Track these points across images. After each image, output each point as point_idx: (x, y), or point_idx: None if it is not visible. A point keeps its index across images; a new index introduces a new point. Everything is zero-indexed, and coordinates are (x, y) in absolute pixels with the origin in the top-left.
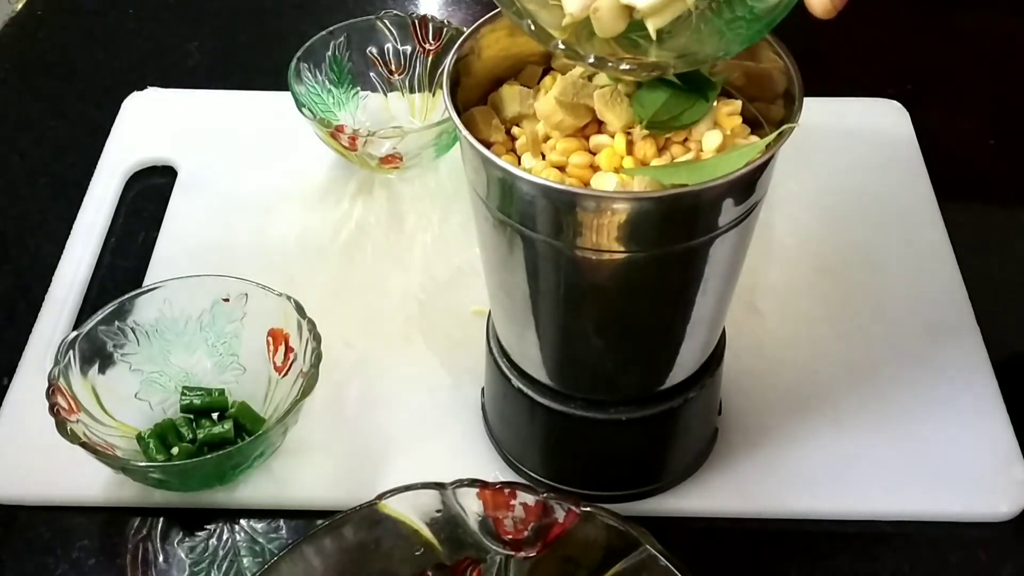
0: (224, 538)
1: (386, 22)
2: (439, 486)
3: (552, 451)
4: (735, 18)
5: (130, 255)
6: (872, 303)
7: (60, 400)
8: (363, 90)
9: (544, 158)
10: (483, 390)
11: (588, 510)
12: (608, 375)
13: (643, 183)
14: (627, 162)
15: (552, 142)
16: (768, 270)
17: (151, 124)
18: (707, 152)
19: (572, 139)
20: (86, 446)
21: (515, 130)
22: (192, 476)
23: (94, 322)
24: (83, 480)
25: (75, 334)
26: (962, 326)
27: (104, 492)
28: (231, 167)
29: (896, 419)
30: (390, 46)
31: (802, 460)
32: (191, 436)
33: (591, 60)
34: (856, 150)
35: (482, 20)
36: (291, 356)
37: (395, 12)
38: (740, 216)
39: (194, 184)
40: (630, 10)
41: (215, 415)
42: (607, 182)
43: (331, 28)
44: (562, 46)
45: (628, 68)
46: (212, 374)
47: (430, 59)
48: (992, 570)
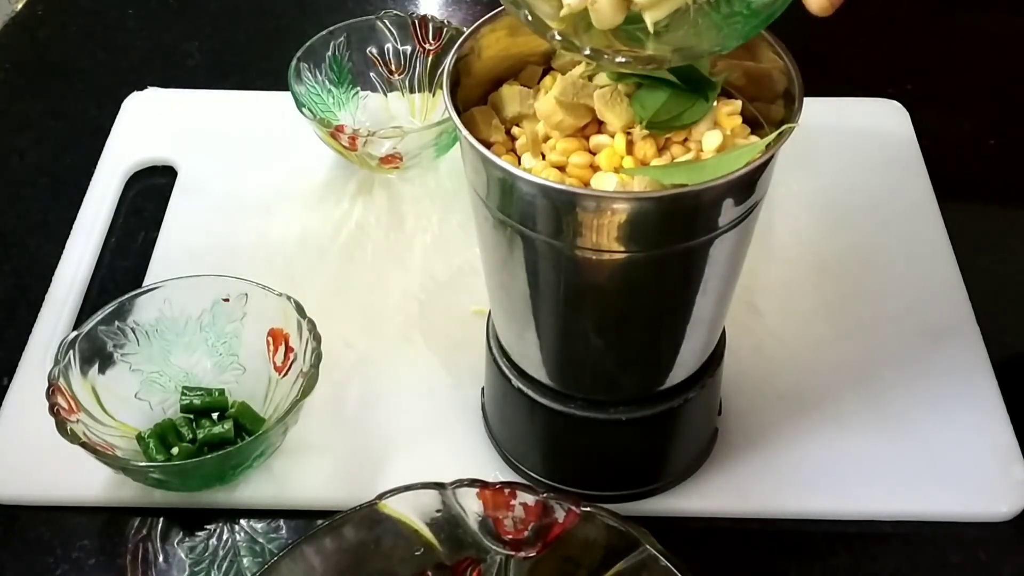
0: (224, 538)
1: (386, 22)
2: (439, 486)
3: (552, 451)
4: (733, 13)
5: (130, 255)
6: (872, 303)
7: (60, 400)
8: (363, 90)
9: (544, 158)
10: (483, 390)
11: (588, 510)
12: (608, 375)
13: (643, 183)
14: (627, 162)
15: (552, 142)
16: (768, 270)
17: (151, 124)
18: (707, 152)
19: (572, 139)
20: (86, 446)
21: (515, 130)
22: (192, 476)
23: (94, 322)
24: (83, 480)
25: (75, 334)
26: (962, 326)
27: (104, 492)
28: (231, 167)
29: (896, 419)
30: (390, 46)
31: (802, 460)
32: (191, 436)
33: (587, 52)
34: (856, 150)
35: (482, 20)
36: (291, 356)
37: (395, 12)
38: (740, 216)
39: (194, 184)
40: (628, 2)
41: (215, 415)
42: (607, 182)
43: (331, 28)
44: (559, 37)
45: (624, 61)
46: (212, 374)
47: (430, 59)
48: (992, 570)
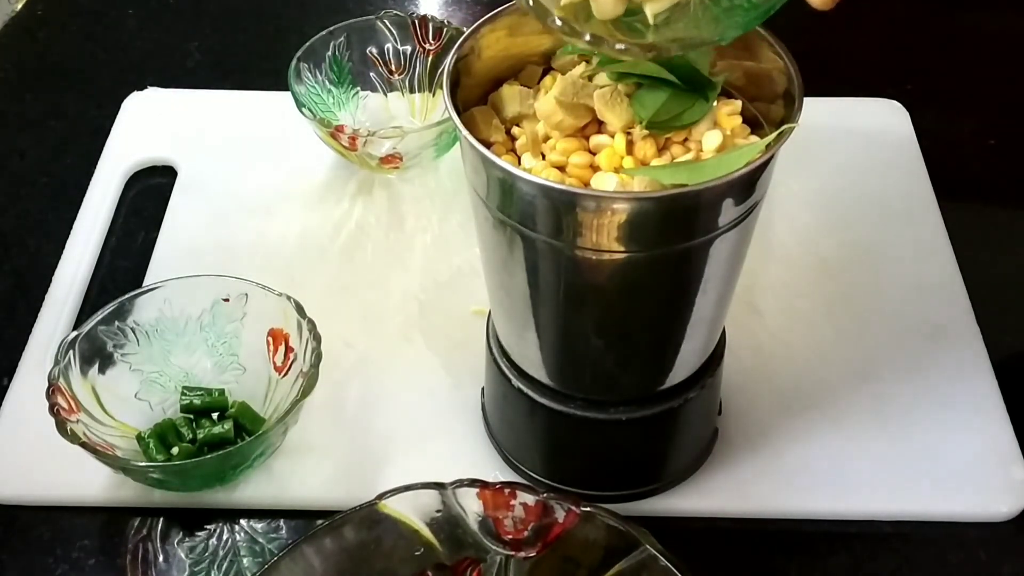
0: (224, 538)
1: (386, 22)
2: (439, 486)
3: (552, 451)
4: (733, 6)
5: (130, 255)
6: (872, 303)
7: (60, 400)
8: (363, 90)
9: (544, 158)
10: (483, 390)
11: (588, 510)
12: (608, 375)
13: (643, 183)
14: (627, 162)
15: (552, 142)
16: (768, 270)
17: (151, 124)
18: (707, 152)
19: (572, 139)
20: (86, 446)
21: (515, 130)
22: (192, 476)
23: (94, 322)
24: (83, 480)
25: (75, 334)
26: (962, 326)
27: (104, 492)
28: (231, 167)
29: (896, 419)
30: (390, 46)
31: (802, 460)
32: (191, 436)
33: (588, 38)
34: (856, 150)
35: (482, 20)
36: (291, 356)
37: (395, 12)
38: (740, 216)
39: (194, 184)
40: None
41: (215, 415)
42: (607, 182)
43: (331, 28)
44: (559, 22)
45: (624, 48)
46: (212, 374)
47: (430, 59)
48: (992, 570)
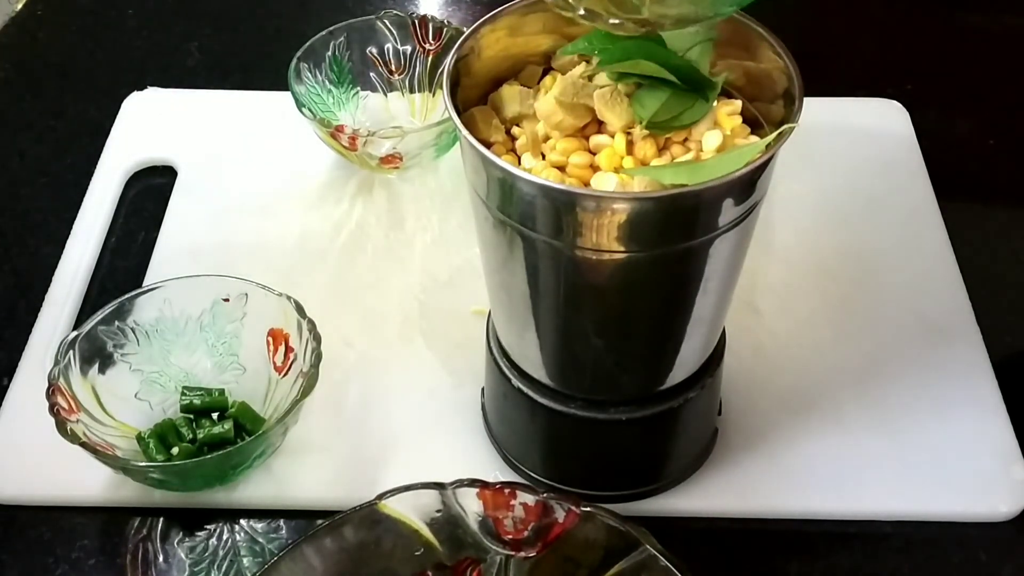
0: (224, 538)
1: (386, 22)
2: (439, 486)
3: (552, 451)
4: None
5: (130, 255)
6: (872, 303)
7: (60, 400)
8: (363, 90)
9: (544, 158)
10: (483, 390)
11: (588, 510)
12: (608, 375)
13: (643, 183)
14: (627, 162)
15: (552, 142)
16: (768, 270)
17: (151, 124)
18: (707, 152)
19: (572, 139)
20: (86, 446)
21: (515, 130)
22: (192, 476)
23: (94, 322)
24: (83, 480)
25: (75, 334)
26: (962, 326)
27: (104, 492)
28: (231, 167)
29: (896, 419)
30: (390, 46)
31: (802, 460)
32: (191, 436)
33: (582, 12)
34: (856, 150)
35: (482, 20)
36: (291, 356)
37: (395, 12)
38: (740, 216)
39: (194, 184)
40: None
41: (215, 415)
42: (607, 182)
43: (331, 28)
44: None
45: (618, 23)
46: (212, 374)
47: (430, 59)
48: (992, 570)
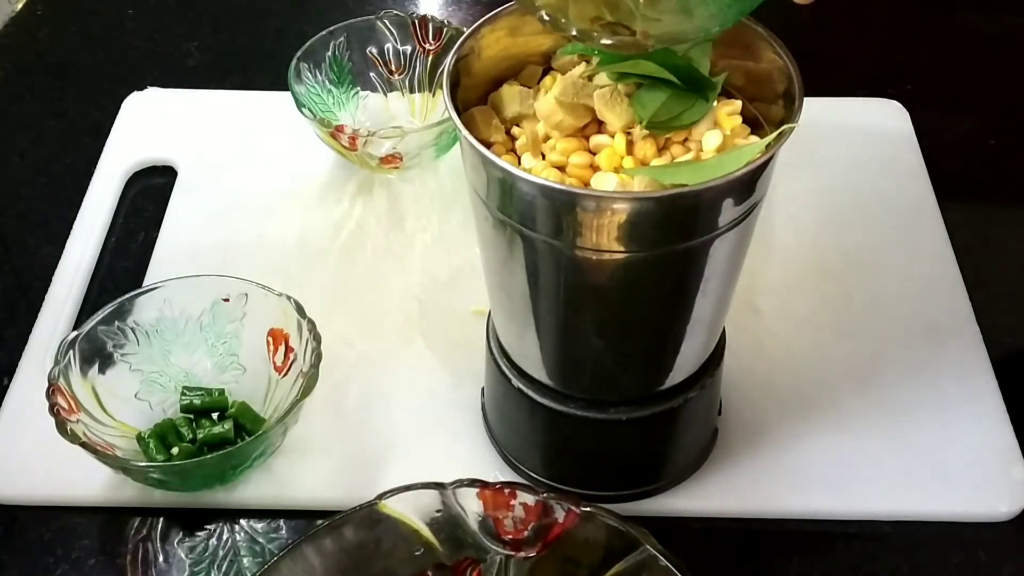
0: (224, 538)
1: (386, 22)
2: (439, 486)
3: (552, 451)
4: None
5: (130, 255)
6: (872, 303)
7: (60, 400)
8: (363, 90)
9: (544, 158)
10: (483, 390)
11: (588, 510)
12: (608, 375)
13: (643, 183)
14: (627, 162)
15: (552, 142)
16: (768, 270)
17: (151, 124)
18: (707, 152)
19: (572, 139)
20: (86, 446)
21: (515, 130)
22: (192, 476)
23: (94, 322)
24: (83, 480)
25: (75, 334)
26: (962, 326)
27: (104, 492)
28: (231, 167)
29: (896, 419)
30: (390, 46)
31: (802, 460)
32: (191, 436)
33: (574, 33)
34: (856, 150)
35: (482, 20)
36: (291, 356)
37: (395, 12)
38: (740, 216)
39: (194, 184)
40: None
41: (215, 415)
42: (607, 182)
43: (331, 28)
44: (547, 17)
45: (610, 43)
46: (212, 374)
47: (430, 59)
48: (992, 570)
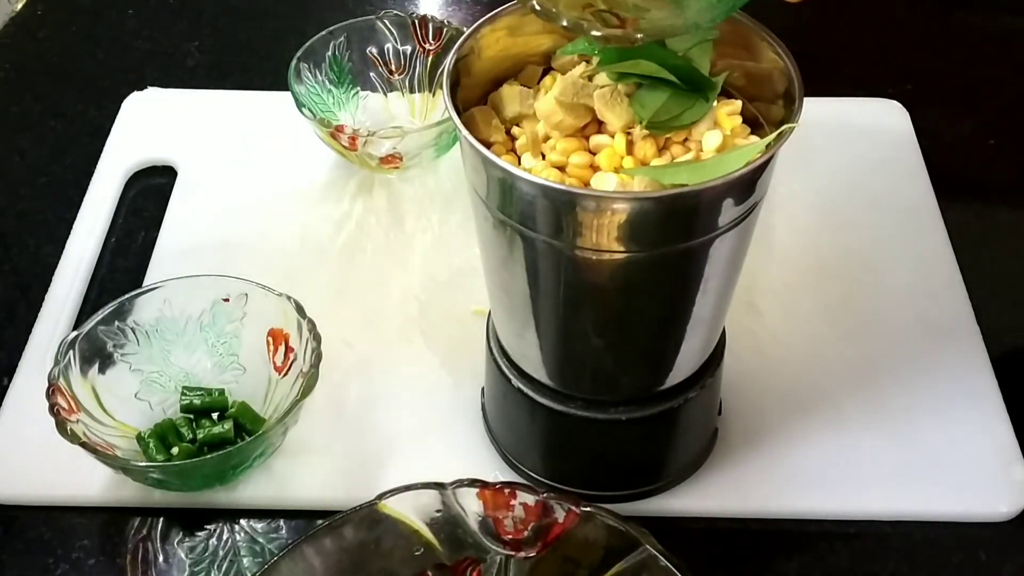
0: (224, 538)
1: (386, 22)
2: (439, 486)
3: (552, 451)
4: None
5: (130, 255)
6: (872, 303)
7: (60, 400)
8: (363, 90)
9: (544, 158)
10: (483, 390)
11: (588, 510)
12: (608, 375)
13: (643, 183)
14: (627, 162)
15: (552, 142)
16: (768, 270)
17: (151, 124)
18: (707, 152)
19: (572, 139)
20: (86, 446)
21: (515, 130)
22: (192, 476)
23: (94, 322)
24: (83, 480)
25: (75, 334)
26: (962, 326)
27: (104, 492)
28: (231, 167)
29: (896, 419)
30: (390, 46)
31: (802, 460)
32: (191, 436)
33: (565, 23)
34: (856, 150)
35: (482, 20)
36: (291, 356)
37: (395, 12)
38: (740, 216)
39: (194, 184)
40: None
41: (215, 415)
42: (607, 182)
43: (331, 28)
44: (538, 6)
45: (600, 35)
46: (212, 374)
47: (430, 59)
48: (992, 570)
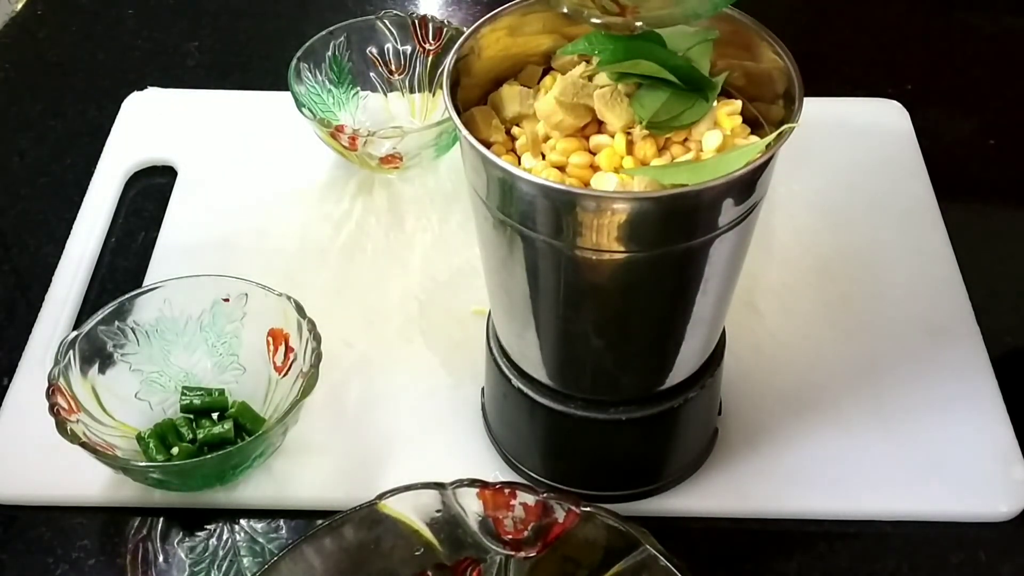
0: (224, 538)
1: (386, 22)
2: (439, 486)
3: (552, 451)
4: None
5: (130, 255)
6: (872, 303)
7: (60, 400)
8: (363, 90)
9: (544, 158)
10: (483, 390)
11: (588, 510)
12: (608, 375)
13: (643, 183)
14: (627, 162)
15: (552, 142)
16: (768, 270)
17: (151, 124)
18: (707, 152)
19: (572, 139)
20: (86, 446)
21: (515, 130)
22: (192, 476)
23: (94, 322)
24: (83, 480)
25: (75, 334)
26: (962, 326)
27: (104, 492)
28: (231, 167)
29: (896, 419)
30: (390, 46)
31: (802, 460)
32: (191, 436)
33: (565, 9)
34: (856, 150)
35: (482, 20)
36: (291, 356)
37: (395, 12)
38: (740, 216)
39: (194, 184)
40: None
41: (215, 415)
42: (607, 182)
43: (331, 28)
44: None
45: (599, 23)
46: (212, 374)
47: (430, 59)
48: (992, 570)
